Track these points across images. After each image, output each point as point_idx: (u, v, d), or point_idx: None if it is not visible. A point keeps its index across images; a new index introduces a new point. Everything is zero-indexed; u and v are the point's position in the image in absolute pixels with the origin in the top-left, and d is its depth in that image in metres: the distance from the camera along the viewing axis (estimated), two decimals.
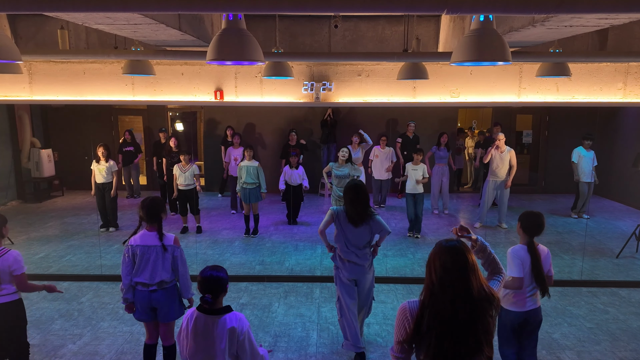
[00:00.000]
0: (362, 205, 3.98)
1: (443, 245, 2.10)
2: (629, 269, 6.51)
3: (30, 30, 7.19)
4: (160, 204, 3.78)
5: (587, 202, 8.79)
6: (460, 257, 2.04)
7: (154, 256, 3.65)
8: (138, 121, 11.83)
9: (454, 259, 2.03)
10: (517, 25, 4.84)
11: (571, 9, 2.92)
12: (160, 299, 3.68)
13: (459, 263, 2.03)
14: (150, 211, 3.69)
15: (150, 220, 3.69)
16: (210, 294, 2.77)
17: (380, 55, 6.33)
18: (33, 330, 4.81)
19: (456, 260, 2.03)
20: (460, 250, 2.06)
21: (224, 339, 2.71)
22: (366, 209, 4.01)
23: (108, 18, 4.42)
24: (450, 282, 2.00)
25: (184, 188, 7.73)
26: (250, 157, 7.69)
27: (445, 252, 2.06)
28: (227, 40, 2.98)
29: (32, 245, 7.32)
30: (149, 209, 3.69)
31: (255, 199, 7.68)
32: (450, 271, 2.01)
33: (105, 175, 7.66)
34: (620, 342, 4.66)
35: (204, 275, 2.81)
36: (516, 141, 11.31)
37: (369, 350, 4.45)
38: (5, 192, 9.89)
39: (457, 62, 3.17)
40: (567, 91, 6.39)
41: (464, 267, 2.02)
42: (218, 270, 2.85)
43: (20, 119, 10.25)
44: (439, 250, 2.09)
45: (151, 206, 3.70)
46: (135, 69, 5.58)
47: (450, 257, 2.03)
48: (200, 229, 8.03)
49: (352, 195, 3.99)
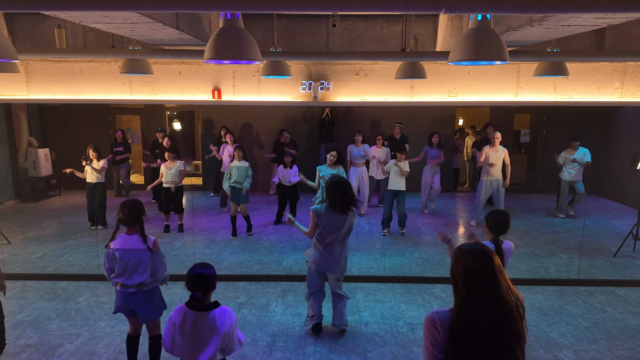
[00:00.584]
0: (346, 196, 4.32)
1: (463, 249, 1.99)
2: (626, 268, 6.53)
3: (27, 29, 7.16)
4: (140, 206, 3.71)
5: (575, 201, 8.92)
6: (483, 260, 1.92)
7: (133, 259, 3.61)
8: (136, 120, 11.82)
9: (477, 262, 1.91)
10: (514, 24, 4.84)
11: (569, 8, 2.92)
12: (139, 301, 3.67)
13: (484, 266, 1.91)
14: (131, 214, 3.62)
15: (131, 223, 3.64)
16: (200, 291, 2.80)
17: (378, 54, 6.33)
18: (30, 330, 4.80)
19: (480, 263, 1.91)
20: (482, 253, 1.94)
21: (213, 334, 2.76)
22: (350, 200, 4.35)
23: (105, 17, 4.41)
24: (479, 288, 1.88)
25: (170, 186, 7.76)
26: (240, 157, 7.66)
27: (466, 256, 1.95)
28: (225, 39, 2.97)
29: (30, 245, 7.31)
30: (130, 211, 3.62)
31: (244, 200, 7.68)
32: (475, 276, 1.89)
33: (97, 174, 7.73)
34: (617, 341, 4.67)
35: (193, 273, 2.84)
36: (514, 141, 11.34)
37: (367, 350, 4.46)
38: (2, 191, 9.86)
39: (454, 61, 3.17)
40: (564, 91, 6.41)
41: (490, 270, 1.90)
42: (207, 268, 2.88)
43: (18, 118, 10.22)
44: (460, 256, 1.96)
45: (132, 208, 3.63)
46: (132, 68, 5.57)
47: (472, 262, 1.92)
48: (182, 227, 8.04)
49: (337, 187, 4.33)
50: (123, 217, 3.62)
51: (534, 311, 5.29)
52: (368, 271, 6.37)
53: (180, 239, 7.71)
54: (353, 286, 5.87)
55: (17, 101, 7.18)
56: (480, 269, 1.90)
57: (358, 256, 6.89)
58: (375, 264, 6.60)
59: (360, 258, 6.82)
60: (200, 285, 2.81)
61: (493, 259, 1.93)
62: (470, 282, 1.90)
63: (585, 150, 8.61)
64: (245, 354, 4.37)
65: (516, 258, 6.85)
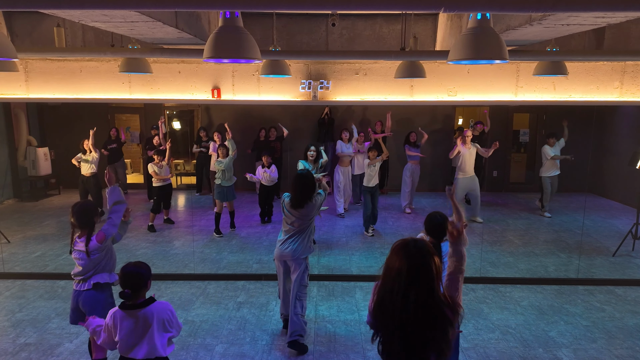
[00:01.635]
0: (305, 192, 4.31)
1: (407, 242, 2.04)
2: (625, 267, 6.54)
3: (26, 28, 7.15)
4: (92, 209, 3.69)
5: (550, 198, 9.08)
6: (423, 256, 1.98)
7: (81, 259, 3.59)
8: (135, 119, 11.79)
9: (416, 257, 1.97)
10: (514, 23, 4.85)
11: (568, 7, 2.92)
12: (87, 300, 3.61)
13: (421, 263, 1.96)
14: (81, 217, 3.59)
15: (81, 227, 3.59)
16: (130, 289, 2.83)
17: (377, 53, 6.33)
18: (30, 329, 4.80)
19: (418, 259, 1.96)
20: (424, 249, 2.00)
21: (147, 329, 2.81)
22: (309, 195, 4.33)
23: (105, 16, 4.41)
24: (408, 280, 1.93)
25: (163, 184, 7.97)
26: (224, 155, 7.74)
27: (407, 248, 2.01)
28: (224, 38, 2.97)
29: (29, 244, 7.30)
30: (80, 215, 3.59)
31: (231, 197, 7.80)
32: (409, 271, 1.94)
33: (90, 166, 8.02)
34: (616, 340, 4.68)
35: (125, 270, 2.88)
36: (513, 140, 11.34)
37: (366, 349, 4.47)
38: (2, 190, 9.85)
39: (454, 60, 3.18)
40: (564, 90, 6.41)
41: (426, 268, 1.95)
42: (139, 267, 2.90)
43: (17, 117, 10.21)
44: (401, 246, 2.03)
45: (82, 212, 3.60)
46: (132, 66, 5.57)
47: (413, 256, 1.97)
48: (170, 220, 8.33)
49: (295, 181, 4.37)
50: (74, 220, 3.60)
51: (533, 310, 5.29)
52: (367, 270, 6.37)
53: (180, 239, 7.71)
54: (352, 285, 5.87)
55: (16, 100, 7.17)
56: (416, 264, 1.95)
57: (357, 256, 6.89)
58: (375, 263, 6.60)
59: (359, 257, 6.83)
60: (131, 283, 2.85)
61: (432, 259, 1.97)
62: (399, 273, 1.95)
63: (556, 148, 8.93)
64: (244, 353, 4.38)
65: (515, 257, 6.86)
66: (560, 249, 7.24)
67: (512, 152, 11.30)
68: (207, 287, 5.81)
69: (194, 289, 5.73)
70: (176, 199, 9.80)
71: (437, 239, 3.38)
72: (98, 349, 3.64)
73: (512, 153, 11.29)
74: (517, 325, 4.96)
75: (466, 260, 2.29)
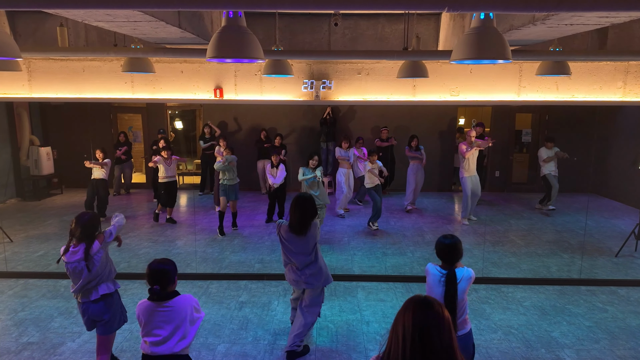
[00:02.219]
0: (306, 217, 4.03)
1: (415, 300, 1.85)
2: (627, 267, 6.52)
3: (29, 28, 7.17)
4: (97, 222, 3.68)
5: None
6: (433, 314, 1.79)
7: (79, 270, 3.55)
8: (137, 119, 11.81)
9: (426, 316, 1.78)
10: (517, 23, 4.84)
11: (572, 7, 2.91)
12: (96, 312, 3.64)
13: (432, 321, 1.78)
14: (86, 230, 3.56)
15: (83, 238, 3.56)
16: (159, 285, 2.89)
17: (380, 53, 6.32)
18: (32, 328, 4.81)
19: (428, 317, 1.78)
20: (434, 306, 1.81)
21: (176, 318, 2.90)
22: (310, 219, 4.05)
23: (108, 15, 4.41)
24: (421, 341, 1.76)
25: (167, 180, 8.26)
26: (229, 154, 7.85)
27: (417, 308, 1.81)
28: (227, 38, 2.97)
29: (31, 243, 7.32)
30: (85, 227, 3.56)
31: (235, 196, 7.87)
32: (421, 330, 1.76)
33: (101, 172, 8.32)
34: (619, 341, 4.67)
35: (152, 268, 2.92)
36: (515, 140, 11.32)
37: (368, 349, 4.46)
38: (4, 190, 9.87)
39: (457, 59, 3.17)
40: (566, 90, 6.40)
41: (437, 325, 1.77)
42: (165, 264, 2.95)
43: (19, 117, 10.23)
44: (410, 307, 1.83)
45: (89, 225, 3.59)
46: (134, 66, 5.57)
47: (421, 315, 1.79)
48: (172, 220, 8.43)
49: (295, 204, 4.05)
50: (77, 230, 3.56)
51: (536, 311, 5.28)
52: (369, 270, 6.37)
53: (181, 239, 7.72)
54: (354, 285, 5.87)
55: (19, 99, 7.19)
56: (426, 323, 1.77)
57: (359, 255, 6.89)
58: (377, 263, 6.60)
59: (361, 257, 6.82)
60: (159, 279, 2.90)
61: (444, 314, 1.80)
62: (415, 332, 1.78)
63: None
64: (247, 353, 4.38)
65: (518, 257, 6.85)
66: (563, 250, 7.22)
67: (514, 152, 11.28)
68: (209, 287, 5.82)
69: (196, 289, 5.74)
70: (178, 198, 9.79)
71: (449, 263, 3.19)
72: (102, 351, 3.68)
73: (514, 153, 11.28)
74: (520, 325, 4.95)
75: None
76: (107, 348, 3.81)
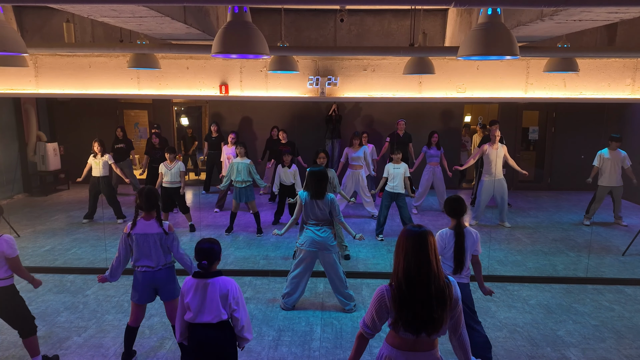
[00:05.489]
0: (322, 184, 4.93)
1: (407, 231, 2.50)
2: (635, 266, 6.47)
3: (36, 23, 7.19)
4: (156, 193, 4.05)
5: (617, 208, 8.21)
6: (424, 241, 2.43)
7: (153, 242, 3.91)
8: (143, 115, 11.84)
9: (420, 242, 2.43)
10: (525, 19, 4.79)
11: (580, 2, 2.88)
12: (163, 278, 3.98)
13: (424, 247, 2.43)
14: (149, 200, 3.93)
15: (149, 209, 3.94)
16: (206, 260, 3.23)
17: (386, 49, 6.29)
18: (39, 322, 4.82)
19: (421, 244, 2.43)
20: (424, 235, 2.45)
21: (217, 294, 3.20)
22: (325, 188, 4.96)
23: (114, 11, 4.41)
24: (417, 264, 2.44)
25: (169, 186, 7.54)
26: (242, 155, 7.58)
27: (411, 237, 2.47)
28: (233, 33, 2.96)
29: (38, 238, 7.37)
30: (147, 197, 3.94)
31: (247, 198, 7.58)
32: (417, 254, 2.43)
33: (101, 169, 7.91)
34: (625, 340, 4.63)
35: (201, 245, 3.27)
36: (522, 138, 11.25)
37: (372, 345, 4.45)
38: (12, 185, 9.95)
39: (464, 56, 3.14)
40: (574, 87, 6.34)
41: (427, 251, 2.43)
42: (212, 243, 3.30)
43: (26, 113, 10.29)
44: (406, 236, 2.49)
45: (149, 195, 3.95)
46: (140, 62, 5.58)
47: (416, 241, 2.44)
48: (193, 227, 7.86)
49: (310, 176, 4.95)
50: (141, 202, 3.93)
51: (542, 309, 5.25)
52: (374, 267, 6.36)
53: (186, 235, 7.73)
54: (359, 282, 5.86)
55: (26, 95, 7.22)
56: (421, 248, 2.45)
57: (364, 252, 6.87)
58: (382, 261, 6.59)
59: (366, 254, 6.81)
60: (206, 255, 3.23)
61: (430, 241, 2.45)
62: (412, 257, 2.49)
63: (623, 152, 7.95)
64: (251, 349, 4.38)
65: (524, 256, 6.81)
66: (569, 248, 7.17)
67: (521, 150, 11.21)
68: None
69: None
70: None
71: (455, 218, 3.87)
72: (173, 318, 3.99)
73: (521, 151, 11.20)
74: (525, 324, 4.92)
75: None
76: (174, 316, 3.97)
